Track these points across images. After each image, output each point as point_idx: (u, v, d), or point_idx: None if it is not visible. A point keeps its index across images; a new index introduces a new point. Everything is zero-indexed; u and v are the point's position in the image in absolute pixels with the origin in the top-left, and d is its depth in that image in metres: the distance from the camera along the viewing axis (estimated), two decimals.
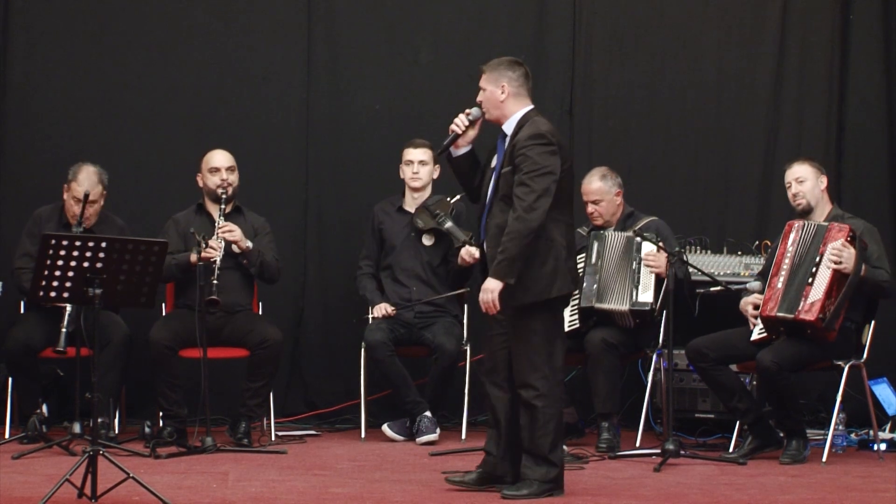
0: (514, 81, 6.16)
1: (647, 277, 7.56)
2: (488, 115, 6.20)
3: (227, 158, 7.75)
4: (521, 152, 6.00)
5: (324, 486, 6.29)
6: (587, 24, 8.74)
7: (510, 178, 6.02)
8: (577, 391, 8.04)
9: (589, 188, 7.77)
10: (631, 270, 7.59)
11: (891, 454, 7.55)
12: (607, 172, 7.78)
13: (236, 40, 8.63)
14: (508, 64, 6.19)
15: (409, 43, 8.68)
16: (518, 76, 6.17)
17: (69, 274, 5.82)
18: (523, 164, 5.99)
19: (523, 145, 6.01)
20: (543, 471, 6.07)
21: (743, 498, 6.19)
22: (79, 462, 5.72)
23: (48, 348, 7.49)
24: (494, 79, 6.16)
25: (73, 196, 7.51)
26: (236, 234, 7.54)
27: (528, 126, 6.07)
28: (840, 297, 7.02)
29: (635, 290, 7.56)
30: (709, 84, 8.80)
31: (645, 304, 7.53)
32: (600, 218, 7.76)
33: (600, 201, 7.75)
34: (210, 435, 7.16)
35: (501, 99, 6.14)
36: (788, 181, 7.37)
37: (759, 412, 7.24)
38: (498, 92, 6.15)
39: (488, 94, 6.17)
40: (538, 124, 6.08)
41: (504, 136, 6.17)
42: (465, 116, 6.21)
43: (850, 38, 8.74)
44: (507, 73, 6.16)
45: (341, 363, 8.49)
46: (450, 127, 6.24)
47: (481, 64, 6.32)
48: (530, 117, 6.12)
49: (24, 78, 8.44)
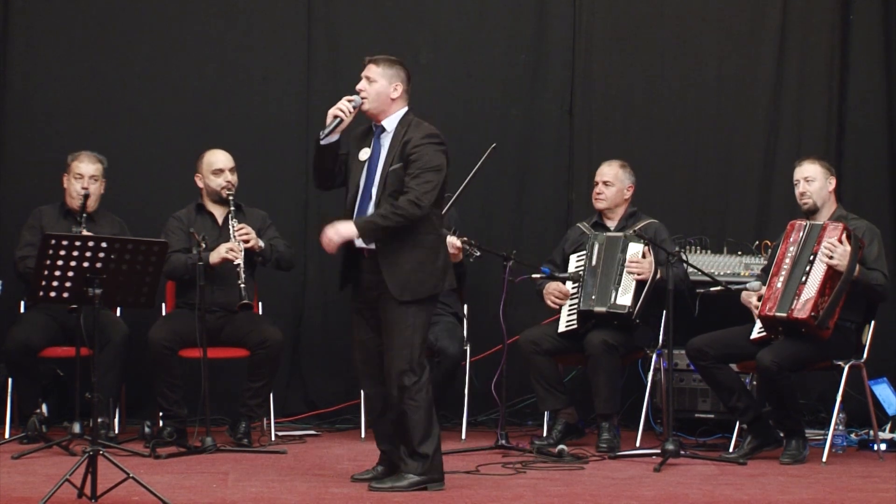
0: (405, 83, 6.31)
1: (627, 279, 7.55)
2: (368, 106, 6.26)
3: (228, 159, 7.75)
4: (415, 150, 6.15)
5: (324, 486, 6.29)
6: (587, 24, 8.74)
7: (401, 174, 6.16)
8: (577, 391, 8.05)
9: (605, 169, 7.84)
10: (616, 271, 7.59)
11: (891, 454, 7.56)
12: (627, 165, 7.87)
13: (236, 40, 8.63)
14: (401, 65, 6.34)
15: (409, 43, 8.68)
16: (407, 78, 6.34)
17: (69, 274, 5.82)
18: (419, 160, 6.14)
19: (418, 143, 6.17)
20: (416, 464, 6.18)
21: (743, 498, 6.19)
22: (79, 462, 5.72)
23: (48, 348, 7.49)
24: (389, 75, 6.28)
25: (75, 174, 7.62)
26: (252, 235, 7.55)
27: (417, 126, 6.24)
28: (833, 295, 7.02)
29: (615, 291, 7.56)
30: (709, 84, 8.81)
31: (622, 306, 7.52)
32: (605, 201, 7.78)
33: (611, 185, 7.78)
34: (210, 435, 7.15)
35: (393, 96, 6.27)
36: (797, 179, 7.35)
37: (759, 411, 7.24)
38: (391, 89, 6.27)
39: (379, 88, 6.26)
40: (426, 125, 6.26)
41: (382, 131, 6.27)
42: (348, 103, 6.25)
43: (850, 38, 8.74)
44: (401, 73, 6.31)
45: (341, 363, 8.48)
46: (331, 112, 6.24)
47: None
48: (412, 118, 6.29)
49: (24, 78, 8.44)
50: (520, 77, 8.76)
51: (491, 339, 7.92)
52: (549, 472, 6.78)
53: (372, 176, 6.23)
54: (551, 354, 7.66)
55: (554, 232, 8.57)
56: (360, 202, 6.24)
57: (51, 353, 7.53)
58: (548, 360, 7.65)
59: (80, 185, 7.61)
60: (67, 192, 7.70)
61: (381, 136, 6.28)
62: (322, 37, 8.67)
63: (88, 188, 7.60)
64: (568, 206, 8.65)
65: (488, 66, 8.73)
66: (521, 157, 8.71)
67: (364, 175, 6.25)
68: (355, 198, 6.26)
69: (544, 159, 8.73)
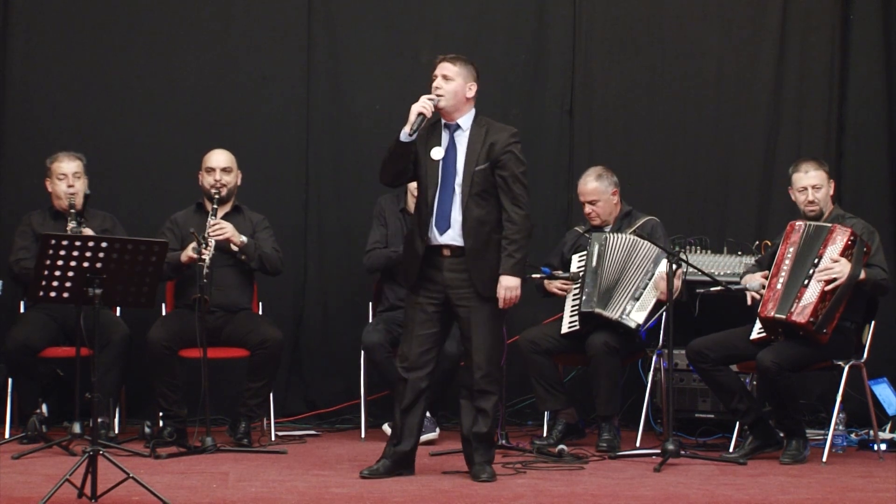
0: (476, 85, 6.45)
1: (648, 296, 7.53)
2: (444, 103, 6.38)
3: (223, 159, 7.74)
4: (507, 150, 6.32)
5: (324, 486, 6.29)
6: (587, 24, 8.74)
7: (489, 175, 6.32)
8: (577, 392, 8.05)
9: (585, 189, 7.77)
10: (634, 281, 7.56)
11: (891, 454, 7.56)
12: (603, 172, 7.78)
13: (236, 40, 8.63)
14: (474, 65, 6.48)
15: (409, 43, 8.68)
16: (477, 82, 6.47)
17: (69, 274, 5.83)
18: (511, 161, 6.33)
19: (508, 142, 6.34)
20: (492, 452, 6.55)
21: (743, 498, 6.19)
22: (79, 462, 5.72)
23: (48, 348, 7.49)
24: (465, 74, 6.42)
25: (58, 175, 7.64)
26: (227, 231, 7.51)
27: (497, 126, 6.42)
28: (833, 301, 7.03)
29: (632, 303, 7.53)
30: (709, 84, 8.81)
31: (632, 321, 7.50)
32: (598, 218, 7.76)
33: (597, 201, 7.74)
34: (210, 435, 7.15)
35: (468, 96, 6.42)
36: (804, 186, 7.30)
37: (760, 413, 7.24)
38: (466, 88, 6.40)
39: (456, 87, 6.39)
40: (504, 126, 6.44)
41: (456, 129, 6.40)
42: (429, 101, 6.36)
43: (850, 38, 8.75)
44: (473, 73, 6.46)
45: (341, 363, 8.50)
46: (415, 109, 6.32)
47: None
48: (485, 118, 6.46)
49: (24, 78, 8.44)
50: (520, 77, 8.77)
51: None
52: (549, 472, 6.78)
53: (451, 174, 6.37)
54: (551, 354, 7.66)
55: (554, 232, 8.57)
56: (439, 200, 6.38)
57: (51, 353, 7.53)
58: (548, 360, 7.65)
59: (66, 184, 7.62)
60: (53, 194, 7.70)
61: (455, 134, 6.40)
62: (322, 37, 8.67)
63: (74, 185, 7.60)
64: (568, 206, 8.65)
65: (488, 66, 8.71)
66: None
67: (440, 173, 6.38)
68: (434, 196, 6.38)
69: (544, 159, 8.73)
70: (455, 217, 6.36)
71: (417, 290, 6.46)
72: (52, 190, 7.71)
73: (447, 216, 6.37)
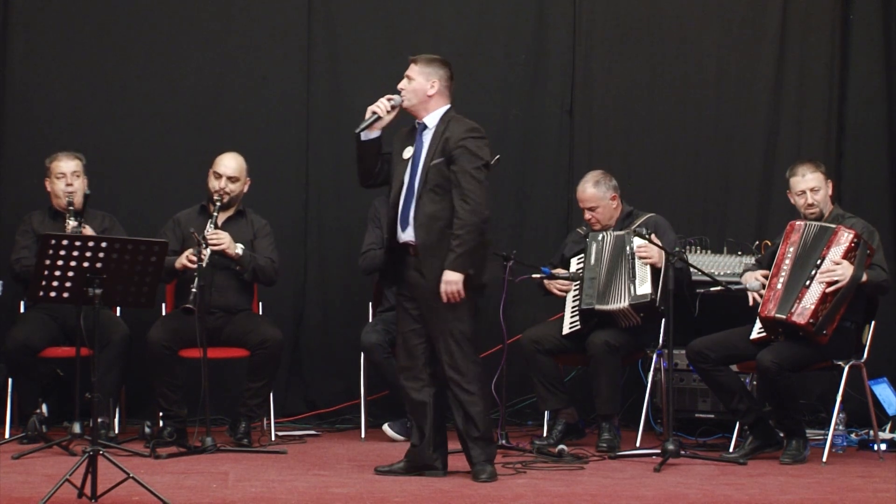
0: (443, 79, 6.46)
1: (642, 270, 7.52)
2: (408, 104, 6.45)
3: (232, 167, 7.69)
4: (460, 145, 6.30)
5: (324, 486, 6.29)
6: (587, 24, 8.75)
7: (443, 169, 6.31)
8: (577, 392, 8.05)
9: (583, 195, 7.75)
10: (626, 267, 7.57)
11: (891, 454, 7.56)
12: (601, 177, 7.75)
13: (236, 40, 8.63)
14: (441, 63, 6.50)
15: (409, 43, 8.67)
16: (447, 76, 6.49)
17: (69, 274, 5.83)
18: (463, 156, 6.30)
19: (462, 138, 6.32)
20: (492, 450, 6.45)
21: (743, 498, 6.19)
22: (79, 462, 5.72)
23: (48, 348, 7.49)
24: (427, 73, 6.45)
25: (56, 174, 7.64)
26: (224, 243, 7.51)
27: (458, 122, 6.40)
28: (834, 303, 7.03)
29: (633, 284, 7.53)
30: (709, 84, 8.81)
31: (644, 296, 7.48)
32: (598, 223, 7.74)
33: (596, 208, 7.72)
34: (210, 435, 7.15)
35: (430, 93, 6.44)
36: (802, 189, 7.29)
37: (760, 413, 7.24)
38: (427, 85, 6.43)
39: (416, 85, 6.44)
40: (466, 121, 6.41)
41: (424, 128, 6.42)
42: (387, 101, 6.45)
43: (850, 38, 8.75)
44: (438, 70, 6.47)
45: (341, 363, 8.50)
46: (370, 108, 6.44)
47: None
48: (453, 115, 6.43)
49: (24, 78, 8.44)
50: (520, 77, 8.77)
51: (491, 339, 7.91)
52: (549, 472, 6.78)
53: (415, 172, 6.39)
54: (553, 354, 7.66)
55: (554, 232, 8.58)
56: (404, 198, 6.40)
57: (51, 353, 7.53)
58: (549, 359, 7.65)
59: (64, 182, 7.63)
60: (52, 193, 7.71)
61: (423, 133, 6.44)
62: (322, 37, 8.67)
63: (73, 184, 7.61)
64: (568, 206, 8.65)
65: (488, 66, 8.73)
66: (521, 158, 8.71)
67: (408, 172, 6.41)
68: (399, 194, 6.41)
69: (544, 159, 8.74)
70: (413, 213, 6.38)
71: (399, 292, 6.51)
72: (51, 189, 7.71)
73: (408, 213, 6.38)
